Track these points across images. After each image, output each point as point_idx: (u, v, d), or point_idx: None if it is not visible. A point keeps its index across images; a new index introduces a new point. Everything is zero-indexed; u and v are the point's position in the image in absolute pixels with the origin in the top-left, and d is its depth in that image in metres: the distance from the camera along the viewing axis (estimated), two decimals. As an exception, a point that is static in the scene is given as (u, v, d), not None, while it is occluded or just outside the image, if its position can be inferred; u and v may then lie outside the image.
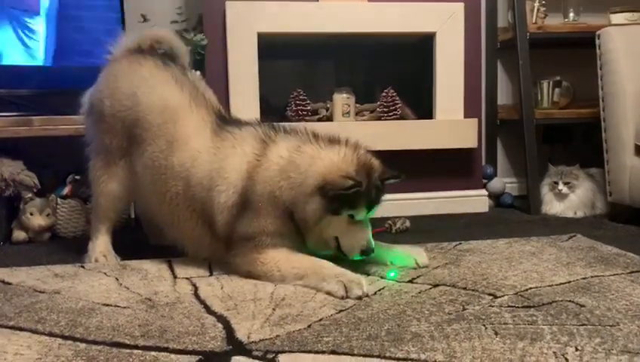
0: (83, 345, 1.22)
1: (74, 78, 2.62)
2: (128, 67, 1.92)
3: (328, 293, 1.53)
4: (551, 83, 3.00)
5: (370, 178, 1.65)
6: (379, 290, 1.56)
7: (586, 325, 1.29)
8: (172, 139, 1.79)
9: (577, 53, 2.96)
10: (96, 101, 1.94)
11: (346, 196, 1.59)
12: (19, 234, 2.34)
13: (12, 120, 2.37)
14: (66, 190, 2.49)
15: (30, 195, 2.35)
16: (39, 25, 2.57)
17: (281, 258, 1.65)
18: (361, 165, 1.65)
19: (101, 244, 1.98)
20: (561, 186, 2.72)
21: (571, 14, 3.01)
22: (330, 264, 1.62)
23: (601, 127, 2.65)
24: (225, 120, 1.86)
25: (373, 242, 1.69)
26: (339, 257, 1.69)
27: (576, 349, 1.16)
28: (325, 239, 1.69)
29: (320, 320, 1.35)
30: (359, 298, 1.50)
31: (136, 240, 2.21)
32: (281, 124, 1.85)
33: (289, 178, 1.66)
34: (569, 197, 2.73)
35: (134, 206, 2.11)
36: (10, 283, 1.69)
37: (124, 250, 2.01)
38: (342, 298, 1.50)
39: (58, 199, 2.42)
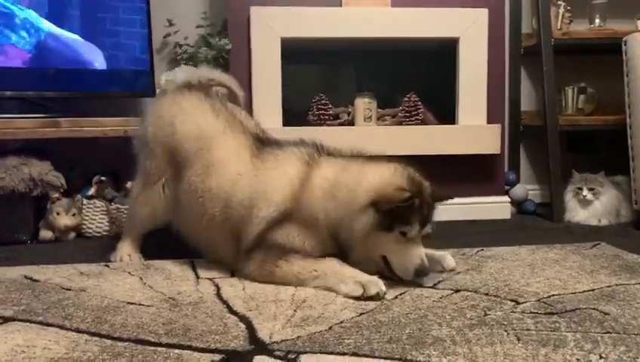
0: (109, 342, 1.25)
1: (101, 80, 2.69)
2: (172, 99, 2.02)
3: (346, 295, 1.53)
4: (576, 89, 2.97)
5: (422, 192, 1.62)
6: (399, 294, 1.56)
7: (610, 333, 1.27)
8: (208, 164, 1.83)
9: (603, 59, 2.93)
10: (142, 128, 2.06)
11: (400, 211, 1.56)
12: (45, 234, 2.39)
13: (40, 121, 2.43)
14: (91, 191, 2.54)
15: (57, 195, 2.40)
16: (66, 28, 2.62)
17: (300, 262, 1.65)
18: (411, 180, 1.63)
19: (128, 246, 2.04)
20: (585, 192, 2.68)
21: (597, 20, 2.98)
22: (349, 266, 1.62)
23: (627, 134, 2.62)
24: (264, 142, 1.89)
25: (426, 261, 1.63)
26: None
27: (600, 357, 1.15)
28: (372, 259, 1.65)
29: (341, 322, 1.35)
30: (377, 295, 1.50)
31: (159, 241, 2.24)
32: (324, 143, 1.83)
33: (334, 198, 1.64)
34: (593, 204, 2.70)
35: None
36: (37, 281, 1.73)
37: (148, 250, 2.05)
38: (359, 297, 1.50)
39: (84, 199, 2.47)
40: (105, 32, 2.68)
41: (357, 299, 1.51)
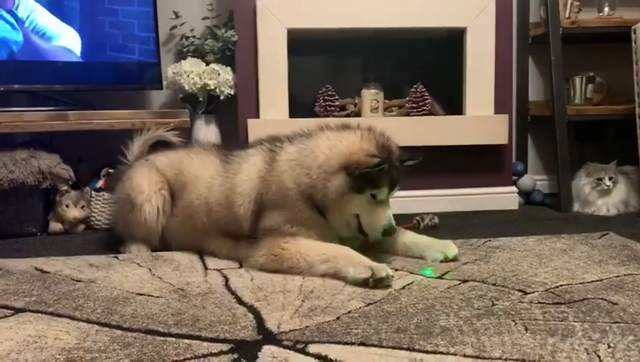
0: (119, 332, 1.26)
1: (108, 73, 2.70)
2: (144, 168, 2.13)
3: (353, 278, 1.55)
4: (584, 79, 2.95)
5: (390, 158, 1.69)
6: (407, 285, 1.57)
7: (618, 323, 1.27)
8: (185, 184, 1.99)
9: (612, 48, 2.90)
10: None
11: (371, 175, 1.63)
12: (55, 226, 2.41)
13: (49, 114, 2.44)
14: (100, 183, 2.56)
15: (66, 188, 2.42)
16: (74, 21, 2.63)
17: (307, 247, 1.68)
18: (380, 145, 1.70)
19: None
20: (608, 182, 2.67)
21: (606, 8, 2.95)
22: (357, 253, 1.64)
23: (635, 123, 2.60)
24: (231, 151, 2.01)
25: (394, 222, 1.71)
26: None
27: (609, 346, 1.14)
28: (346, 219, 1.72)
29: (349, 312, 1.36)
30: (386, 278, 1.52)
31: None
32: (290, 133, 1.90)
33: (302, 165, 1.72)
34: (611, 193, 2.68)
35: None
36: (48, 272, 1.74)
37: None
38: (367, 279, 1.52)
39: (92, 192, 2.49)
40: (112, 24, 2.68)
41: (365, 283, 1.53)
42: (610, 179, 2.67)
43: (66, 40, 2.62)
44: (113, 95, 2.81)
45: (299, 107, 2.77)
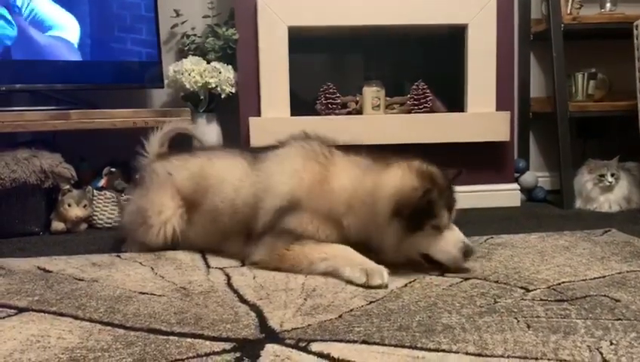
0: (122, 331, 1.26)
1: (109, 72, 2.70)
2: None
3: (348, 280, 1.56)
4: (586, 75, 2.94)
5: (435, 182, 1.63)
6: (409, 283, 1.57)
7: (621, 320, 1.27)
8: (207, 189, 1.93)
9: (614, 44, 2.89)
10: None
11: (423, 207, 1.57)
12: (57, 225, 2.41)
13: (50, 114, 2.44)
14: (102, 182, 2.56)
15: (68, 187, 2.42)
16: (75, 20, 2.63)
17: (311, 246, 1.67)
18: (420, 174, 1.64)
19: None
20: (610, 178, 2.66)
21: (608, 4, 2.94)
22: (357, 253, 1.64)
23: (638, 119, 2.59)
24: (256, 151, 1.97)
25: (468, 240, 1.65)
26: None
27: (611, 343, 1.14)
28: (412, 259, 1.66)
29: (351, 310, 1.36)
30: (379, 286, 1.51)
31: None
32: (326, 139, 1.86)
33: (356, 212, 1.67)
34: (614, 190, 2.68)
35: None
36: (50, 271, 1.75)
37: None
38: (362, 284, 1.52)
39: (94, 191, 2.49)
40: (113, 23, 2.68)
41: (360, 286, 1.53)
42: (612, 175, 2.67)
43: (66, 38, 2.62)
44: (114, 94, 2.81)
45: (300, 105, 2.77)
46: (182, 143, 2.35)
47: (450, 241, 1.63)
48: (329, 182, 1.73)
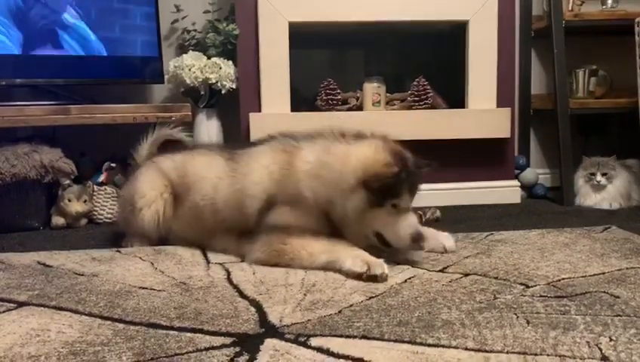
0: (121, 326, 1.26)
1: (110, 67, 2.70)
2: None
3: (349, 270, 1.56)
4: (587, 72, 2.94)
5: (406, 163, 1.65)
6: (409, 278, 1.57)
7: (620, 316, 1.27)
8: (189, 186, 1.96)
9: (615, 41, 2.89)
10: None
11: (390, 185, 1.60)
12: (57, 220, 2.42)
13: (51, 109, 2.44)
14: (102, 177, 2.56)
15: (68, 182, 2.42)
16: (76, 15, 2.63)
17: (308, 241, 1.68)
18: (395, 154, 1.66)
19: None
20: (599, 178, 2.66)
21: (609, 1, 2.93)
22: (356, 247, 1.64)
23: (638, 117, 2.59)
24: (235, 148, 1.99)
25: (420, 228, 1.67)
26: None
27: (610, 339, 1.14)
28: (366, 234, 1.68)
29: (350, 305, 1.36)
30: (380, 276, 1.52)
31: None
32: (303, 132, 1.87)
33: (320, 178, 1.68)
34: (607, 188, 2.68)
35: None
36: (50, 266, 1.75)
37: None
38: (363, 274, 1.53)
39: (94, 186, 2.49)
40: (113, 18, 2.68)
41: (359, 276, 1.54)
42: (604, 175, 2.66)
43: (67, 33, 2.61)
44: (115, 89, 2.81)
45: (301, 101, 2.77)
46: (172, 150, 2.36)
47: (404, 225, 1.65)
48: (294, 165, 1.75)
